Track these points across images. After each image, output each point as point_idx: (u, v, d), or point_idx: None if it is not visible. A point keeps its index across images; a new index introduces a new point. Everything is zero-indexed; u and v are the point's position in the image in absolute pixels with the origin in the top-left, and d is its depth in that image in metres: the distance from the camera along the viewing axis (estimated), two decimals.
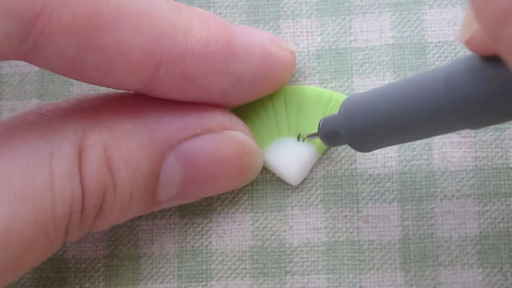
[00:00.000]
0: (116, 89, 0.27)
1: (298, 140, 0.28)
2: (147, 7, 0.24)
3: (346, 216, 0.29)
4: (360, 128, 0.25)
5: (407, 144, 0.29)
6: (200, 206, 0.29)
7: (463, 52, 0.29)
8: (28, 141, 0.25)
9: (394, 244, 0.28)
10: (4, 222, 0.23)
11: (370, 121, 0.24)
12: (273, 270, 0.28)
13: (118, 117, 0.26)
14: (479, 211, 0.28)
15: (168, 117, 0.26)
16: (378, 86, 0.26)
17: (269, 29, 0.30)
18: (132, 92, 0.27)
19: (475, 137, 0.28)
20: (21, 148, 0.24)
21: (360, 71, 0.29)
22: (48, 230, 0.24)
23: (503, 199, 0.28)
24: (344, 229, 0.28)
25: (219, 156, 0.27)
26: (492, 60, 0.20)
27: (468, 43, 0.21)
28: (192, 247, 0.29)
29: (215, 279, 0.29)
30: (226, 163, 0.27)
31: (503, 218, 0.28)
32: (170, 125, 0.26)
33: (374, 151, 0.29)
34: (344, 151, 0.29)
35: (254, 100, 0.28)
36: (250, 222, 0.29)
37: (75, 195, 0.24)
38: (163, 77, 0.25)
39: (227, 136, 0.27)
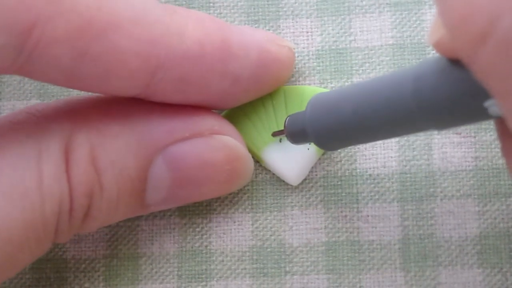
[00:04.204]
0: (114, 95, 0.26)
1: None
2: (140, 12, 0.24)
3: (346, 216, 0.29)
4: (326, 126, 0.24)
5: (407, 144, 0.29)
6: (200, 206, 0.29)
7: None
8: (16, 140, 0.24)
9: (394, 244, 0.28)
10: None
11: (337, 120, 0.24)
12: (273, 270, 0.28)
13: (106, 119, 0.26)
14: (479, 211, 0.28)
15: (157, 120, 0.26)
16: None
17: (269, 29, 0.30)
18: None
19: (475, 137, 0.28)
20: (9, 147, 0.24)
21: (360, 71, 0.29)
22: (37, 229, 0.24)
23: (503, 199, 0.28)
24: (344, 229, 0.28)
25: (207, 160, 0.27)
26: (459, 62, 0.20)
27: (437, 46, 0.21)
28: (192, 247, 0.29)
29: (215, 279, 0.29)
30: (215, 168, 0.27)
31: (503, 218, 0.28)
32: (158, 128, 0.26)
33: (374, 151, 0.29)
34: (344, 151, 0.29)
35: (254, 100, 0.28)
36: (250, 222, 0.29)
37: (63, 194, 0.24)
38: (161, 81, 0.25)
39: (216, 141, 0.27)
